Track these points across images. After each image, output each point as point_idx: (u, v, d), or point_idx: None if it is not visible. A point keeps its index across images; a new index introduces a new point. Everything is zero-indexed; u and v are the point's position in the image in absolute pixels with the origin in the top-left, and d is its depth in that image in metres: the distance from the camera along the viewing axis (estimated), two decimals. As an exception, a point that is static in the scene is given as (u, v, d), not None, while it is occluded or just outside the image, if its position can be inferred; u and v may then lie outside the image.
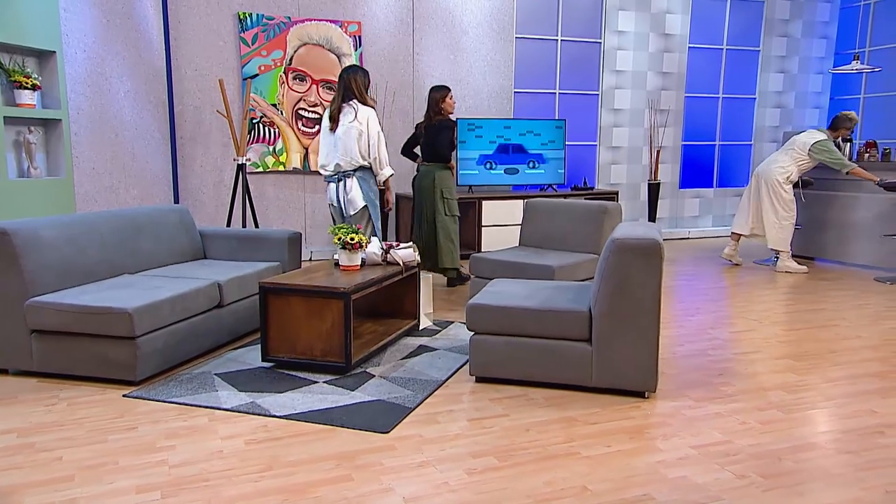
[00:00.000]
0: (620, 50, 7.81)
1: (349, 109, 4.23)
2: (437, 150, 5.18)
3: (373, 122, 4.23)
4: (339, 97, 4.26)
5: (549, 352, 3.10)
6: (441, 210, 5.15)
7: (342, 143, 4.25)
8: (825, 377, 3.27)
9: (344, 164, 4.29)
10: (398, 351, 3.70)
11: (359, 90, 4.26)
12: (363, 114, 4.22)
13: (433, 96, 5.23)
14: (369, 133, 4.22)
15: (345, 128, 4.22)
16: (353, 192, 4.32)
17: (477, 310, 3.18)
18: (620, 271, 2.95)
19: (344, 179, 4.33)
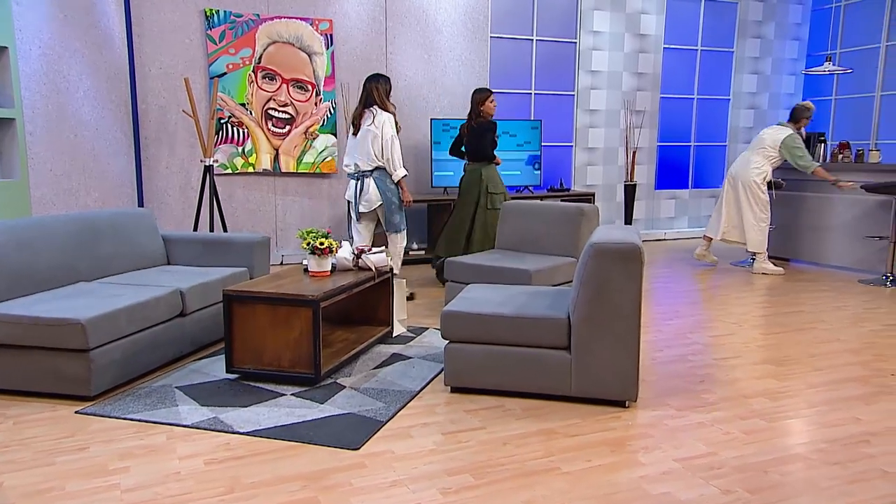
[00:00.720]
0: (596, 50, 7.76)
1: (369, 114, 4.61)
2: (481, 150, 5.33)
3: (387, 126, 4.57)
4: (362, 103, 4.66)
5: (527, 360, 2.99)
6: (483, 204, 5.29)
7: (361, 145, 4.63)
8: (807, 382, 3.21)
9: (362, 165, 4.65)
10: (370, 360, 3.56)
11: (380, 97, 4.63)
12: (380, 119, 4.57)
13: (475, 98, 5.37)
14: (383, 136, 4.56)
15: (363, 131, 4.60)
16: (369, 191, 4.66)
17: (451, 318, 3.06)
18: (599, 276, 2.85)
19: (362, 178, 4.68)
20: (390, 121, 4.61)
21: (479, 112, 5.33)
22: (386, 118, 4.59)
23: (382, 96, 4.63)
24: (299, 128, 6.46)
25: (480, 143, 5.29)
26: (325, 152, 6.59)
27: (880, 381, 3.21)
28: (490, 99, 5.34)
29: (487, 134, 5.28)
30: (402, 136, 6.94)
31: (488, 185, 5.29)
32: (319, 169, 6.59)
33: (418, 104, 6.98)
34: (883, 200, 5.80)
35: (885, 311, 4.62)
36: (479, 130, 5.30)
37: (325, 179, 6.72)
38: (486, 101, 5.32)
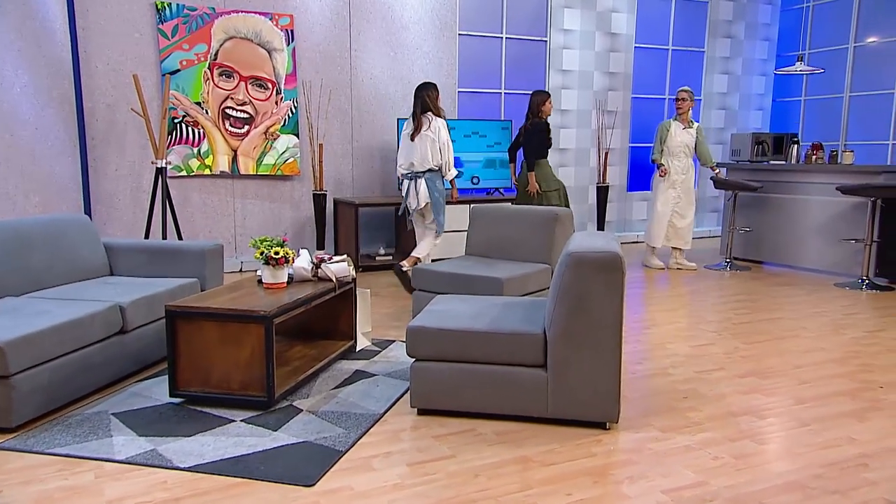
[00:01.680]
0: (566, 49, 7.58)
1: (426, 120, 4.98)
2: (534, 151, 5.61)
3: (443, 131, 4.99)
4: (418, 110, 5.00)
5: (500, 379, 2.76)
6: (537, 201, 5.63)
7: (418, 149, 5.00)
8: (795, 397, 3.04)
9: (417, 166, 5.04)
10: (331, 378, 3.29)
11: (433, 104, 4.99)
12: (435, 124, 4.97)
13: (533, 100, 5.65)
14: (440, 140, 4.97)
15: (421, 136, 4.97)
16: (420, 190, 5.05)
17: (417, 334, 2.81)
18: (577, 288, 2.63)
19: (415, 179, 5.05)
20: (444, 126, 5.01)
21: (536, 112, 5.61)
22: (440, 123, 4.98)
23: (434, 102, 5.00)
24: (259, 128, 6.15)
25: (531, 143, 5.59)
26: (286, 153, 6.29)
27: (870, 395, 3.05)
28: (549, 101, 5.65)
29: (538, 134, 5.57)
30: (367, 137, 6.68)
31: (541, 185, 5.58)
32: (281, 171, 6.28)
33: (384, 103, 6.72)
34: (858, 202, 5.72)
35: (864, 317, 4.50)
36: (533, 131, 5.60)
37: (287, 182, 6.42)
38: (544, 103, 5.62)
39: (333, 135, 6.55)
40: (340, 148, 6.61)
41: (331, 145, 6.54)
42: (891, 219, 5.55)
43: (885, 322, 4.35)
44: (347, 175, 6.68)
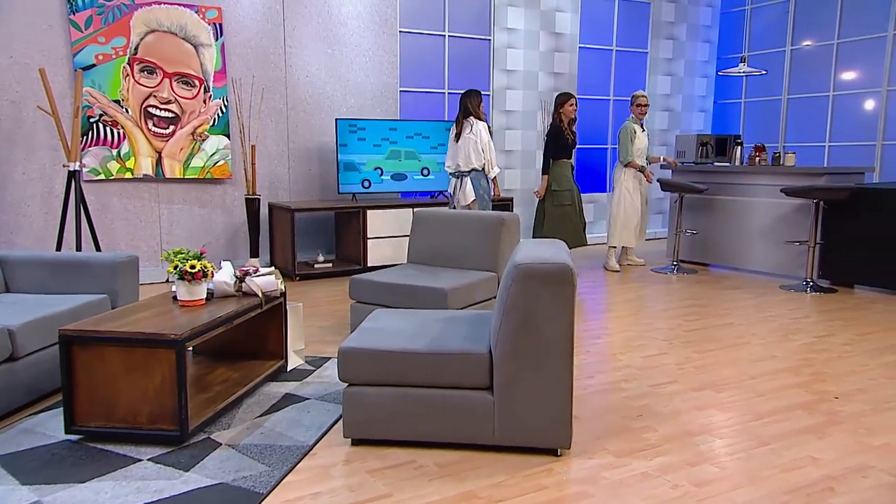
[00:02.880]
0: (511, 48, 7.41)
1: (468, 124, 5.38)
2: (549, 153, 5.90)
3: (483, 133, 5.38)
4: (462, 115, 5.43)
5: (442, 404, 2.50)
6: (549, 201, 5.91)
7: (462, 150, 5.41)
8: (752, 412, 2.89)
9: (462, 166, 5.44)
10: (257, 404, 2.98)
11: (474, 109, 5.40)
12: (476, 127, 5.36)
13: (555, 100, 5.95)
14: (482, 142, 5.35)
15: (463, 138, 5.39)
16: (466, 187, 5.45)
17: (350, 356, 2.53)
18: (525, 304, 2.41)
19: (461, 177, 5.47)
20: (485, 128, 5.42)
21: (559, 114, 5.84)
22: (481, 126, 5.39)
23: (476, 108, 5.41)
24: (186, 128, 5.74)
25: (547, 145, 5.89)
26: (216, 155, 5.89)
27: (827, 408, 2.93)
28: (569, 102, 5.88)
29: (553, 137, 5.81)
30: (304, 138, 6.34)
31: (551, 184, 5.86)
32: (211, 174, 5.89)
33: (322, 103, 6.40)
34: (801, 204, 5.72)
35: (812, 321, 4.45)
36: (549, 133, 5.94)
37: (218, 185, 6.02)
38: (564, 104, 5.86)
39: (268, 136, 6.19)
40: (275, 149, 6.25)
41: (265, 147, 6.18)
42: (833, 221, 5.57)
43: (833, 327, 4.30)
44: (283, 178, 6.33)
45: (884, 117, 7.39)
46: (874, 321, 4.44)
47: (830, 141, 7.88)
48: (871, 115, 7.52)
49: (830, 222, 5.58)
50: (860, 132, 7.63)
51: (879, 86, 7.41)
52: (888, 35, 7.29)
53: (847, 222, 5.48)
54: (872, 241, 5.31)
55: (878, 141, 7.46)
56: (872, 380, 3.30)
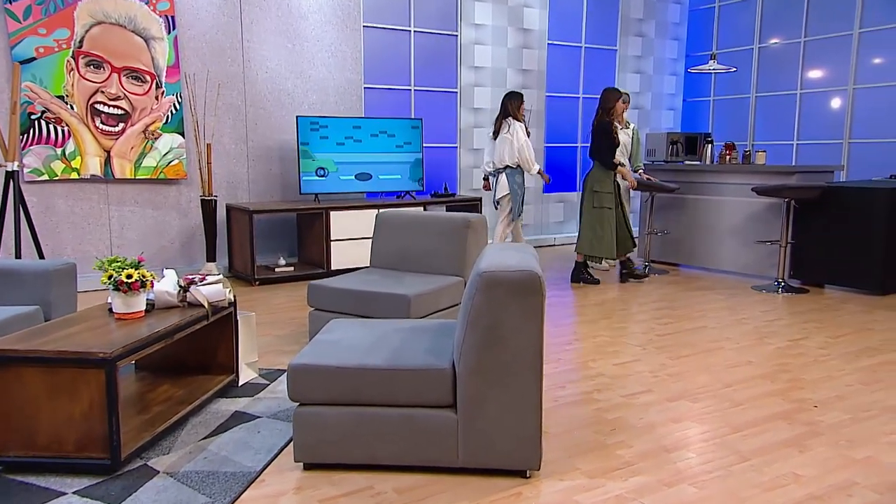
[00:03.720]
0: (478, 44, 7.24)
1: (506, 124, 5.67)
2: (595, 151, 5.56)
3: (520, 133, 5.63)
4: (501, 115, 5.73)
5: (402, 424, 2.31)
6: (588, 203, 5.59)
7: (498, 149, 5.72)
8: (729, 424, 2.75)
9: (497, 163, 5.77)
10: (202, 424, 2.75)
11: (513, 111, 5.67)
12: (513, 128, 5.64)
13: (604, 96, 5.51)
14: (518, 141, 5.61)
15: (501, 137, 5.70)
16: (501, 183, 5.80)
17: (301, 373, 2.32)
18: (490, 314, 2.23)
19: (498, 174, 5.80)
20: (522, 129, 5.65)
21: (607, 111, 5.46)
22: (518, 126, 5.64)
23: (514, 109, 5.66)
24: (136, 126, 5.44)
25: (594, 143, 5.54)
26: (170, 154, 5.61)
27: (806, 418, 2.81)
28: (621, 100, 5.59)
29: (606, 135, 5.44)
30: (264, 136, 6.08)
31: (593, 185, 5.56)
32: (164, 174, 5.60)
33: (282, 99, 6.15)
34: (772, 203, 5.65)
35: (785, 324, 4.35)
36: (598, 131, 5.51)
37: (172, 186, 5.74)
38: (617, 102, 5.50)
39: (225, 134, 5.92)
40: (234, 148, 5.98)
41: (222, 145, 5.91)
42: (803, 220, 5.51)
43: (806, 329, 4.21)
44: (242, 178, 6.06)
45: (850, 115, 7.40)
46: (847, 323, 4.37)
47: (798, 139, 7.88)
48: (838, 114, 7.52)
49: (800, 221, 5.52)
50: (827, 130, 7.63)
51: (846, 84, 7.41)
52: (853, 34, 7.30)
53: (817, 221, 5.42)
54: (842, 240, 5.26)
55: (844, 139, 7.47)
56: (850, 386, 3.19)
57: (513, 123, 5.64)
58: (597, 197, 5.52)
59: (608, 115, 5.46)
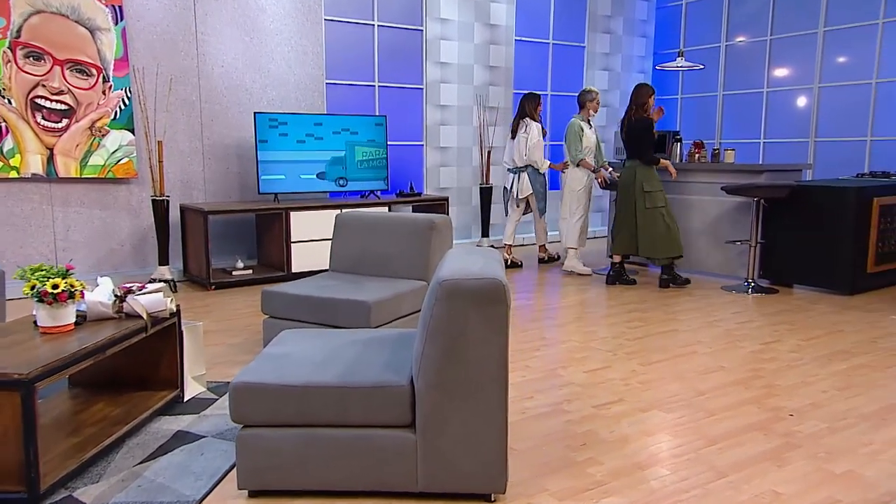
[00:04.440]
0: (444, 40, 7.05)
1: (523, 124, 6.01)
2: (638, 149, 5.32)
3: (534, 132, 5.96)
4: (518, 115, 6.09)
5: (356, 446, 2.12)
6: (642, 205, 5.30)
7: (517, 148, 6.05)
8: (704, 436, 2.62)
9: (517, 162, 6.09)
10: (140, 446, 2.52)
11: (530, 111, 6.02)
12: (530, 128, 5.96)
13: (639, 92, 5.35)
14: (529, 140, 5.94)
15: (518, 137, 6.04)
16: (523, 182, 6.07)
17: (244, 393, 2.11)
18: (451, 326, 2.05)
19: (518, 173, 6.10)
20: (538, 129, 5.99)
21: (642, 107, 5.29)
22: (534, 126, 5.97)
23: (532, 110, 6.00)
24: (82, 122, 5.14)
25: (638, 141, 5.29)
26: (119, 152, 5.32)
27: (783, 429, 2.69)
28: (653, 96, 5.43)
29: (646, 134, 5.25)
30: (220, 134, 5.80)
31: (643, 184, 5.27)
32: (113, 173, 5.31)
33: (240, 95, 5.89)
34: (741, 202, 5.58)
35: (756, 326, 4.27)
36: (638, 128, 5.28)
37: (122, 186, 5.44)
38: (651, 97, 5.33)
39: (179, 131, 5.64)
40: (188, 146, 5.70)
41: (175, 143, 5.63)
42: (771, 219, 5.45)
43: (778, 332, 4.12)
44: (198, 177, 5.79)
45: (815, 114, 7.41)
46: (817, 324, 4.30)
47: (765, 137, 7.87)
48: (804, 112, 7.53)
49: (769, 221, 5.46)
50: (793, 128, 7.63)
51: (811, 82, 7.41)
52: (818, 32, 7.30)
53: (785, 221, 5.37)
54: (811, 240, 5.21)
55: (810, 137, 7.48)
56: (825, 392, 3.10)
57: (529, 123, 5.97)
58: (649, 197, 5.26)
59: (644, 110, 5.31)
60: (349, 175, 6.08)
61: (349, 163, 6.07)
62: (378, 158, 6.21)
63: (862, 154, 7.08)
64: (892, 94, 6.86)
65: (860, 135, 7.09)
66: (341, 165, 6.04)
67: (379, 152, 6.21)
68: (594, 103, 5.91)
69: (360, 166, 6.10)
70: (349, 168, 6.07)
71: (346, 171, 6.06)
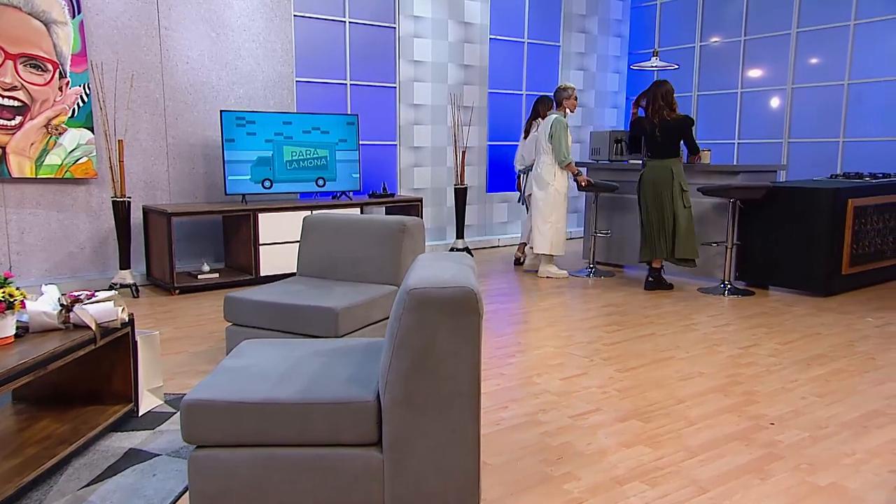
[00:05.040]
0: (417, 38, 6.92)
1: (535, 125, 6.09)
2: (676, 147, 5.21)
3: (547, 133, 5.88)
4: (532, 116, 6.23)
5: (318, 467, 1.99)
6: (680, 204, 5.18)
7: (528, 147, 6.18)
8: (685, 448, 2.53)
9: (528, 161, 6.17)
10: (88, 467, 2.35)
11: (543, 112, 6.08)
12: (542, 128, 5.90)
13: (665, 89, 5.20)
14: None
15: (531, 136, 6.11)
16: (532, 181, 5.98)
17: (197, 410, 1.96)
18: (420, 338, 1.92)
19: (528, 172, 6.12)
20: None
21: (670, 105, 5.17)
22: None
23: (545, 111, 6.04)
24: (37, 119, 4.91)
25: (678, 139, 5.17)
26: (77, 151, 5.10)
27: (765, 439, 2.61)
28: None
29: (689, 131, 5.19)
30: (186, 132, 5.60)
31: (681, 183, 5.18)
32: (71, 173, 5.09)
33: (206, 93, 5.69)
34: (717, 203, 5.54)
35: (734, 329, 4.21)
36: (678, 126, 5.14)
37: (81, 186, 5.22)
38: (673, 92, 5.24)
39: (141, 129, 5.43)
40: (151, 145, 5.50)
41: (138, 142, 5.42)
42: (746, 220, 5.41)
43: (755, 336, 4.07)
44: (162, 178, 5.58)
45: (789, 115, 7.42)
46: (794, 327, 4.25)
47: (740, 138, 7.87)
48: (778, 113, 7.54)
49: (744, 222, 5.42)
50: (767, 129, 7.64)
51: (784, 83, 7.43)
52: (791, 33, 7.32)
53: (761, 222, 5.34)
54: (786, 241, 5.18)
55: (784, 138, 7.49)
56: (804, 399, 3.03)
57: (542, 124, 5.95)
58: (685, 196, 5.19)
59: (673, 109, 5.20)
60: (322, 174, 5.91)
61: (276, 163, 5.89)
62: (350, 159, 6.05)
63: (835, 155, 7.11)
64: (863, 95, 6.89)
65: (833, 136, 7.11)
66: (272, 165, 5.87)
67: (351, 152, 6.05)
68: (571, 100, 5.74)
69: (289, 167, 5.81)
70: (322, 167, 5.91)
71: (320, 170, 5.90)
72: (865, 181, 5.58)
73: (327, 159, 5.94)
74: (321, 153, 5.90)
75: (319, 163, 5.90)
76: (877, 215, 5.36)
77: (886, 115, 6.76)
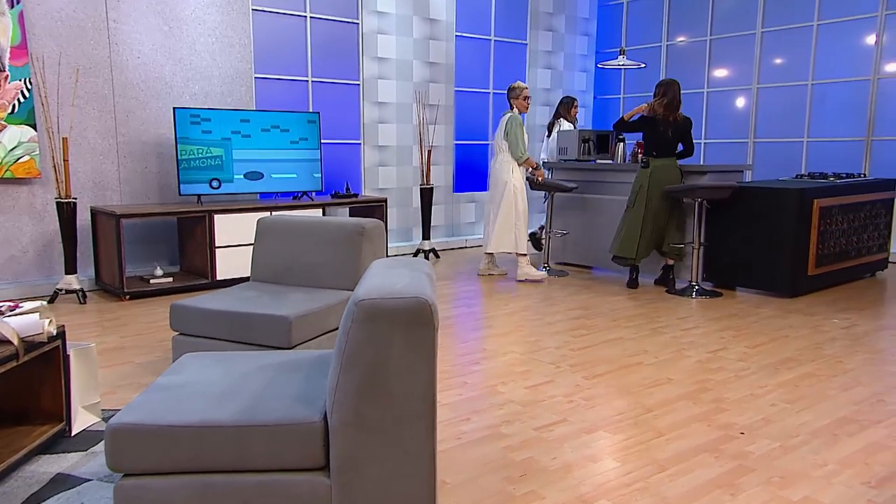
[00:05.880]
0: (381, 34, 6.75)
1: (557, 125, 6.55)
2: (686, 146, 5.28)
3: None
4: (555, 116, 6.67)
5: (260, 494, 1.82)
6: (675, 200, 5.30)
7: (552, 145, 6.56)
8: (655, 462, 2.42)
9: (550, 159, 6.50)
10: (6, 496, 2.14)
11: (565, 112, 6.60)
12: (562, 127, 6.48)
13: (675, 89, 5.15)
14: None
15: (552, 136, 6.58)
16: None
17: (124, 436, 1.78)
18: (370, 353, 1.77)
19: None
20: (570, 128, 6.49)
21: (678, 104, 5.15)
22: (566, 126, 6.51)
23: (566, 112, 6.59)
24: (-26, 116, 4.63)
25: (682, 138, 5.21)
26: (19, 150, 4.82)
27: (735, 450, 2.52)
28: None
29: (690, 131, 5.27)
30: (137, 130, 5.35)
31: (684, 181, 5.33)
32: (11, 172, 4.81)
33: (159, 89, 5.45)
34: (685, 204, 5.47)
35: (701, 332, 4.14)
36: (687, 126, 5.21)
37: (23, 186, 4.94)
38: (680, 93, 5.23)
39: (89, 127, 5.17)
40: (100, 143, 5.24)
41: (86, 140, 5.16)
42: (713, 221, 5.37)
43: (723, 339, 4.00)
44: (112, 178, 5.33)
45: (754, 115, 7.44)
46: (762, 330, 4.20)
47: (706, 138, 7.86)
48: (743, 113, 7.55)
49: (711, 222, 5.38)
50: (733, 129, 7.65)
51: (750, 83, 7.44)
52: (756, 33, 7.33)
53: (727, 222, 5.29)
54: (752, 242, 5.15)
55: (749, 138, 7.50)
56: (774, 406, 2.95)
57: (563, 124, 6.54)
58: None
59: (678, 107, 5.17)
60: (278, 174, 5.71)
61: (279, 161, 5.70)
62: (311, 158, 5.85)
63: (799, 155, 7.14)
64: (827, 95, 6.93)
65: (797, 136, 7.14)
66: (271, 165, 5.66)
67: (312, 151, 5.86)
68: (520, 100, 5.55)
69: (290, 166, 5.72)
70: (279, 167, 5.71)
71: (280, 170, 5.69)
72: (830, 181, 5.57)
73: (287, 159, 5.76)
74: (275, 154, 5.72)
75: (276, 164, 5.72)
76: (842, 215, 5.36)
77: (848, 115, 6.80)
